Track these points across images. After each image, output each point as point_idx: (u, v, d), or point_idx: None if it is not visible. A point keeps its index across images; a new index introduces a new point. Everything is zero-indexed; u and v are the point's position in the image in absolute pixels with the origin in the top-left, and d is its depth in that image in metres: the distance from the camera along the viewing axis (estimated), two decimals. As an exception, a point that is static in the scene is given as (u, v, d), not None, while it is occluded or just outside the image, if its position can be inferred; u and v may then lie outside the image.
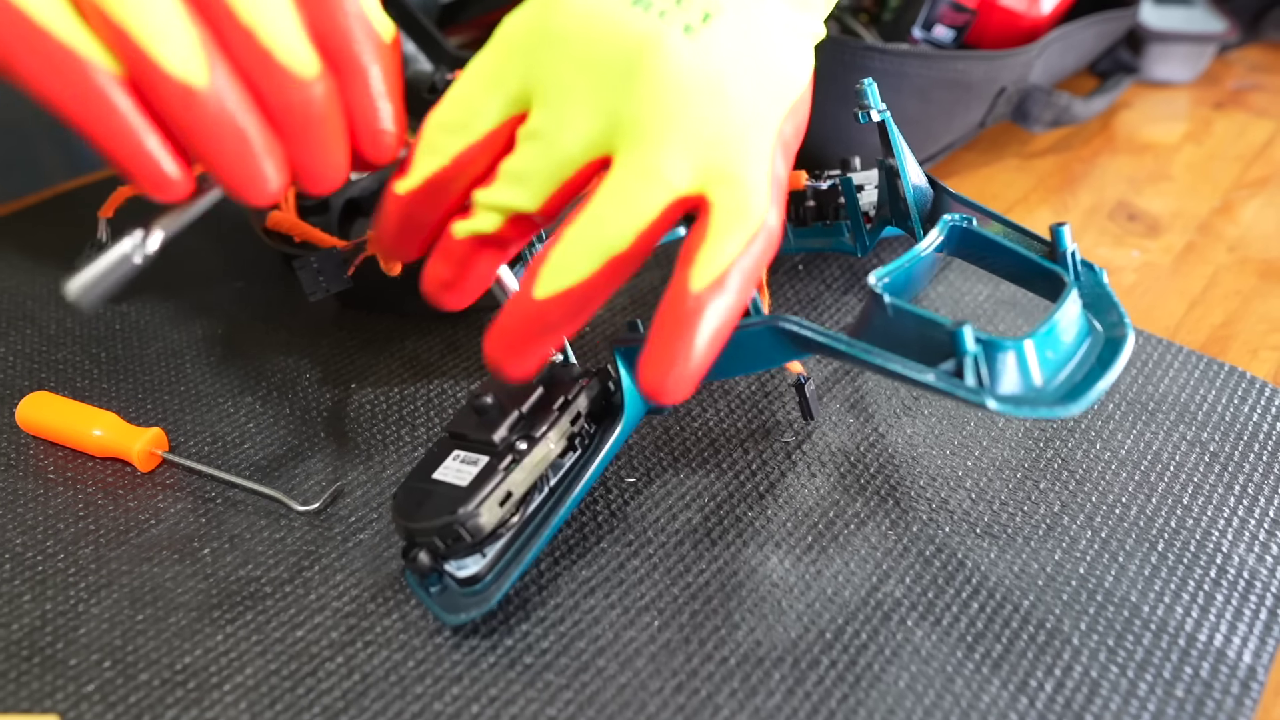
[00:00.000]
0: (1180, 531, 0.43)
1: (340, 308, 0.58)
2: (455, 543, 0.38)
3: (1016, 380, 0.36)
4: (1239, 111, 0.83)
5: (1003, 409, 0.34)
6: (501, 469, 0.39)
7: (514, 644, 0.39)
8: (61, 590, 0.42)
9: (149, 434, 0.47)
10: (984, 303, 0.57)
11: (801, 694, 0.37)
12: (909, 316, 0.37)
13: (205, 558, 0.43)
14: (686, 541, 0.43)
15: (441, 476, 0.39)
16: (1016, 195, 0.70)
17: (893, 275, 0.40)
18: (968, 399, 0.35)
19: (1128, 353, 0.37)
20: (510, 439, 0.40)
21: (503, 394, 0.41)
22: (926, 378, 0.35)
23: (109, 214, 0.58)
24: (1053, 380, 0.36)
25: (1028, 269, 0.42)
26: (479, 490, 0.38)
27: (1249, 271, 0.62)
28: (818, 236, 0.57)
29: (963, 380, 0.35)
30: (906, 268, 0.41)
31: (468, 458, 0.40)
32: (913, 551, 0.43)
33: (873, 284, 0.38)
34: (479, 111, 0.36)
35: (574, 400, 0.41)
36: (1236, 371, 0.52)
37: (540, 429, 0.40)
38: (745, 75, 0.35)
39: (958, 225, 0.44)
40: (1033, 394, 0.36)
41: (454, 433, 0.41)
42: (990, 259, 0.44)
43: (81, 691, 0.38)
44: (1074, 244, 0.41)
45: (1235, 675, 0.38)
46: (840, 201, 0.56)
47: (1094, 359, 0.37)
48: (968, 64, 0.66)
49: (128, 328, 0.57)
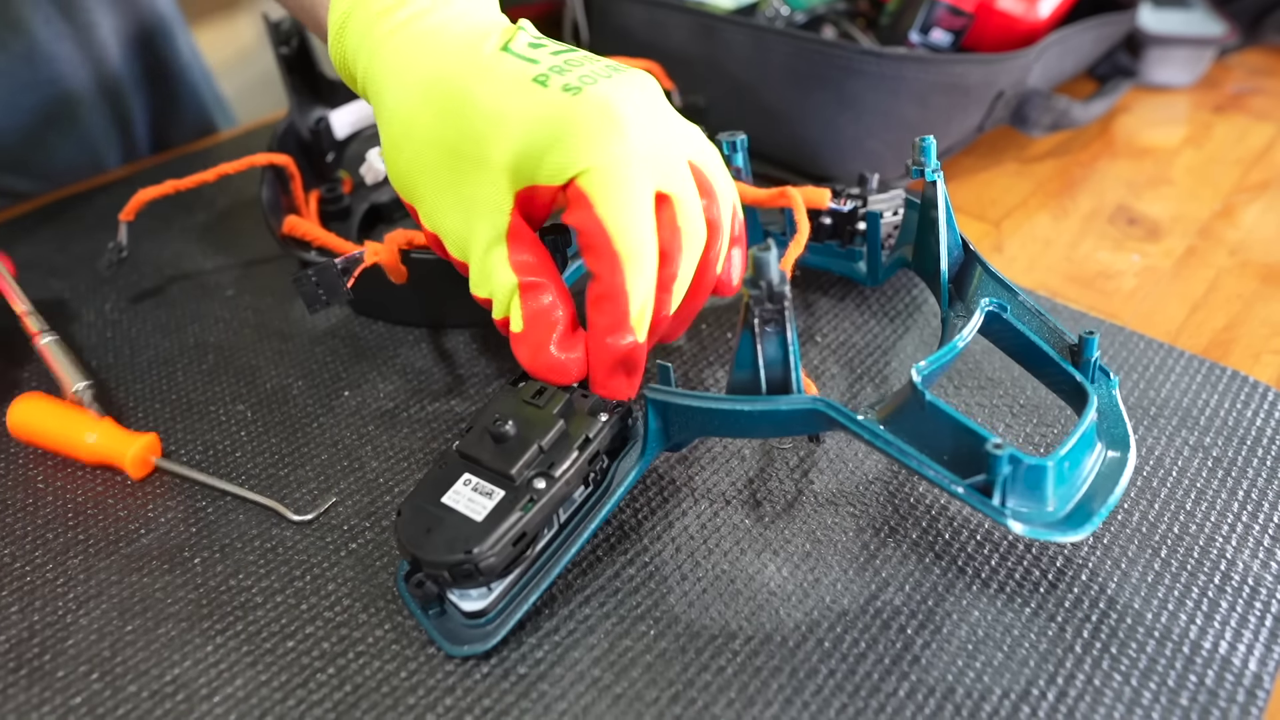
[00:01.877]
0: (1184, 538, 0.43)
1: (333, 317, 0.57)
2: (464, 579, 0.37)
3: (1036, 499, 0.38)
4: (1239, 115, 0.82)
5: (1027, 533, 0.37)
6: (519, 508, 0.38)
7: (508, 654, 0.39)
8: (50, 601, 0.41)
9: (143, 440, 0.46)
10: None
11: (800, 703, 0.37)
12: (946, 419, 0.38)
13: (196, 567, 0.42)
14: (682, 550, 0.43)
15: (452, 503, 0.38)
16: (1015, 200, 0.70)
17: (933, 368, 0.41)
18: (992, 517, 0.37)
19: (1129, 474, 0.40)
20: (529, 475, 0.39)
21: (521, 422, 0.40)
22: (957, 490, 0.38)
23: (130, 217, 0.58)
24: (1066, 500, 0.39)
25: (1051, 369, 0.44)
26: (494, 529, 0.37)
27: (1250, 275, 0.62)
28: (830, 256, 0.57)
29: (990, 499, 0.37)
30: (946, 359, 0.42)
31: (481, 486, 0.38)
32: (912, 559, 0.42)
33: (915, 380, 0.39)
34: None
35: (595, 439, 0.40)
36: (1239, 376, 0.51)
37: (561, 468, 0.39)
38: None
39: (994, 313, 0.46)
40: (1047, 515, 0.38)
41: (466, 454, 0.40)
42: (1016, 348, 0.46)
43: (69, 704, 0.37)
44: (1099, 353, 0.43)
45: (1240, 683, 0.37)
46: (859, 228, 0.55)
47: (1095, 475, 0.40)
48: (965, 68, 0.66)
49: (119, 336, 0.56)
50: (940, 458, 0.38)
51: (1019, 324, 0.45)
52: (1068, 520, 0.38)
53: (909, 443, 0.39)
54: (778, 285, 0.38)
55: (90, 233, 0.66)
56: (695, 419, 0.42)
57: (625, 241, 0.39)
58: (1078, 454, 0.39)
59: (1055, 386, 0.45)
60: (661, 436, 0.42)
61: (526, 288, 0.41)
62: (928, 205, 0.49)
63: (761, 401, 0.40)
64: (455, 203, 0.41)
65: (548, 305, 0.41)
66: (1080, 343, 0.43)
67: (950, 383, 0.51)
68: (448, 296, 0.54)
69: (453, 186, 0.41)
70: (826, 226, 0.56)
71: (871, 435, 0.39)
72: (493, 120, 0.40)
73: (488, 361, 0.53)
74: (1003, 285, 0.46)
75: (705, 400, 0.41)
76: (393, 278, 0.50)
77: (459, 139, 0.40)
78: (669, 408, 0.41)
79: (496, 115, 0.40)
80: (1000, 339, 0.46)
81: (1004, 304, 0.46)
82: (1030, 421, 0.49)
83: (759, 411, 0.40)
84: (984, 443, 0.36)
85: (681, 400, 0.41)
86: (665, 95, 0.43)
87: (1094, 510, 0.38)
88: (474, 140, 0.40)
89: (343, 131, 0.69)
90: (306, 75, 0.67)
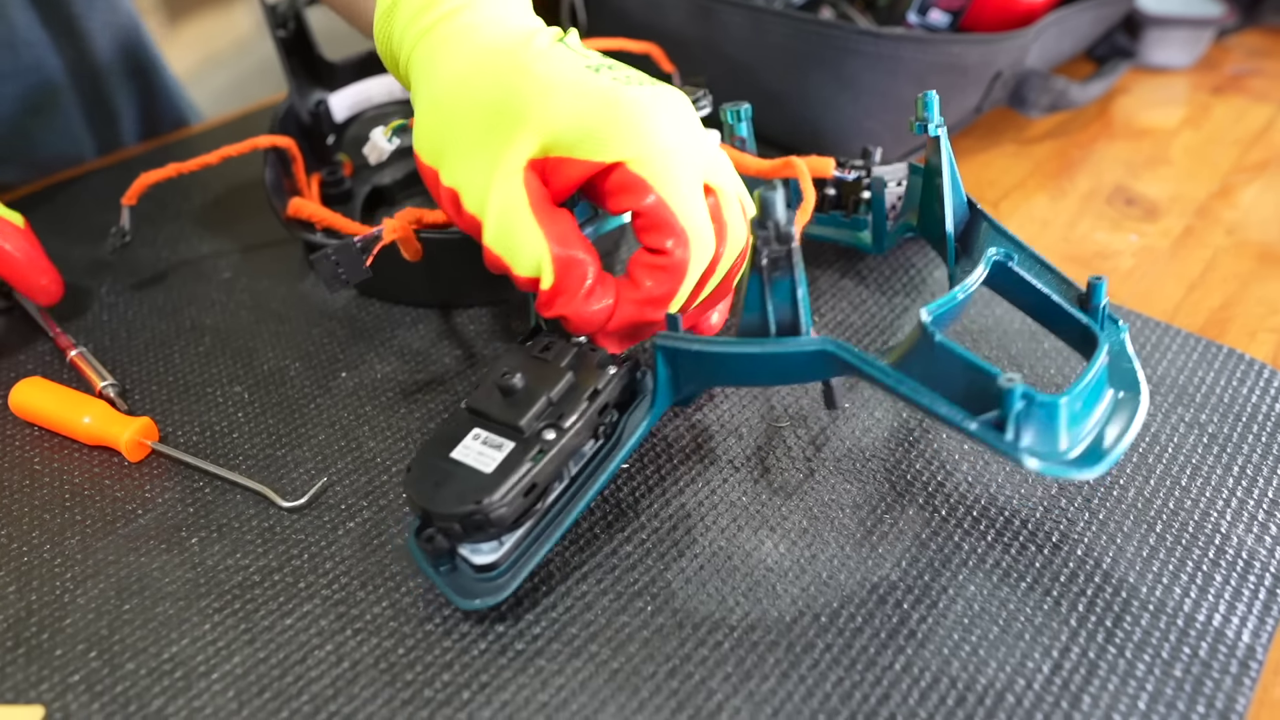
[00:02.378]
0: (1179, 513, 0.43)
1: (331, 299, 0.57)
2: (475, 530, 0.37)
3: (1050, 437, 0.37)
4: (1237, 96, 0.82)
5: (1041, 469, 0.36)
6: (529, 459, 0.38)
7: (505, 630, 0.39)
8: (47, 581, 0.41)
9: (138, 423, 0.47)
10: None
11: (796, 677, 0.37)
12: (957, 359, 0.38)
13: (193, 547, 0.42)
14: (680, 526, 0.43)
15: (461, 457, 0.38)
16: (1014, 180, 0.70)
17: (942, 310, 0.40)
18: (1005, 453, 0.36)
19: (1143, 414, 0.39)
20: (538, 427, 0.39)
21: (529, 375, 0.40)
22: (970, 426, 0.36)
23: (132, 201, 0.57)
24: (1078, 439, 0.37)
25: (1060, 316, 0.44)
26: (504, 480, 0.37)
27: (1247, 255, 0.62)
28: (835, 227, 0.57)
29: (1003, 434, 0.36)
30: (954, 303, 0.41)
31: (490, 439, 0.38)
32: (908, 534, 0.42)
33: (925, 320, 0.39)
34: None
35: (604, 390, 0.40)
36: (1235, 354, 0.51)
37: (570, 419, 0.39)
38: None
39: (1000, 262, 0.45)
40: (1060, 453, 0.37)
41: (475, 409, 0.40)
42: (1024, 298, 0.45)
43: (67, 682, 0.38)
44: (1107, 299, 0.43)
45: (1234, 655, 0.37)
46: (864, 197, 0.55)
47: (1108, 417, 0.39)
48: (963, 48, 0.66)
49: (115, 319, 0.56)
50: (952, 398, 0.37)
51: (1026, 273, 0.44)
52: (1082, 458, 0.37)
53: (920, 383, 0.38)
54: (784, 225, 0.38)
55: (87, 216, 0.66)
56: (704, 365, 0.41)
57: (690, 221, 0.40)
58: (1090, 394, 0.39)
59: (1064, 334, 0.44)
60: (671, 387, 0.42)
61: (557, 238, 0.41)
62: (932, 169, 0.49)
63: (770, 344, 0.40)
64: (484, 157, 0.41)
65: (581, 259, 0.41)
66: (1089, 289, 0.43)
67: (960, 342, 0.51)
68: (455, 275, 0.54)
69: (484, 142, 0.41)
70: (830, 197, 0.56)
71: (882, 374, 0.38)
72: (546, 88, 0.41)
73: (485, 342, 0.53)
74: (1008, 238, 0.46)
75: (713, 344, 0.41)
76: (407, 254, 0.50)
77: (506, 97, 0.41)
78: (678, 354, 0.41)
79: (550, 84, 0.41)
80: (1008, 290, 0.46)
81: (1010, 253, 0.45)
82: (1042, 377, 0.49)
83: (768, 354, 0.40)
84: (995, 380, 0.36)
85: (690, 345, 0.41)
86: (666, 79, 0.43)
87: (1107, 449, 0.37)
88: (521, 99, 0.40)
89: (342, 114, 0.69)
90: (305, 58, 0.67)
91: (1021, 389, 0.35)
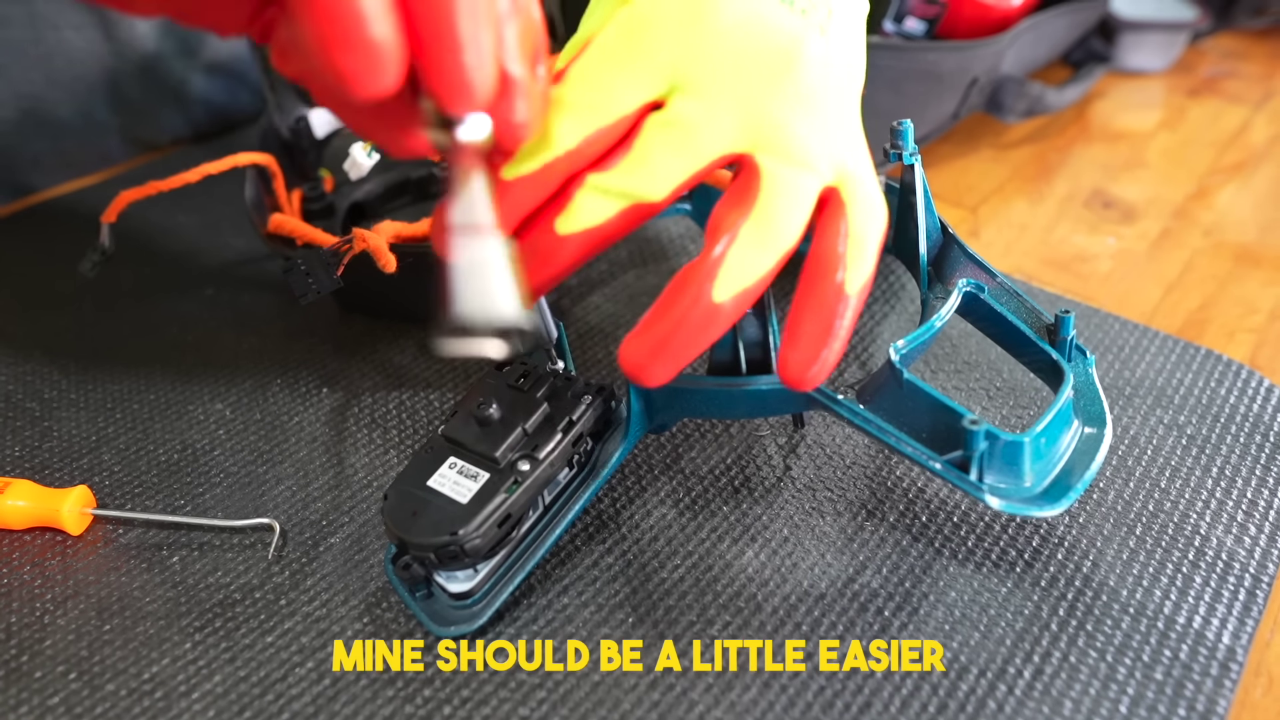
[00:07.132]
0: (1158, 515, 0.43)
1: (313, 315, 0.57)
2: (449, 560, 0.37)
3: (1014, 475, 0.38)
4: (1213, 98, 0.83)
5: (1004, 508, 0.37)
6: (503, 490, 0.38)
7: (485, 645, 0.39)
8: (27, 603, 0.41)
9: (73, 493, 0.44)
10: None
11: (778, 687, 0.37)
12: (924, 396, 0.39)
13: (174, 565, 0.42)
14: (660, 538, 0.43)
15: (438, 486, 0.38)
16: (992, 185, 0.70)
17: (911, 346, 0.41)
18: (969, 492, 0.37)
19: (1105, 449, 0.40)
20: (513, 458, 0.39)
21: (505, 405, 0.40)
22: (934, 466, 0.38)
23: (112, 219, 0.57)
24: (1043, 475, 0.39)
25: (1028, 348, 0.44)
26: (479, 511, 0.37)
27: (1224, 256, 0.62)
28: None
29: (967, 474, 0.37)
30: (924, 338, 0.42)
31: (465, 469, 0.39)
32: (889, 541, 0.42)
33: (893, 357, 0.39)
34: (617, 95, 0.34)
35: (579, 421, 0.41)
36: (1213, 355, 0.52)
37: (545, 450, 0.39)
38: (853, 76, 0.38)
39: (973, 293, 0.45)
40: (1024, 490, 0.38)
41: (451, 438, 0.40)
42: (994, 329, 0.46)
43: (46, 704, 0.37)
44: (1074, 332, 0.43)
45: (1215, 656, 0.37)
46: None
47: (1072, 450, 0.40)
48: (939, 55, 0.66)
49: (98, 336, 0.56)
50: (919, 435, 0.39)
51: (997, 304, 0.45)
52: (1045, 495, 0.38)
53: (888, 421, 0.39)
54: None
55: (70, 235, 0.65)
56: (677, 400, 0.42)
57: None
58: (1054, 430, 0.40)
59: (1032, 366, 0.45)
60: (644, 418, 0.43)
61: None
62: (906, 190, 0.50)
63: (741, 381, 0.41)
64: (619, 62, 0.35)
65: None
66: (1056, 322, 0.43)
67: (927, 366, 0.51)
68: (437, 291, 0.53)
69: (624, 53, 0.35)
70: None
71: (851, 414, 0.39)
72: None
73: (467, 358, 0.53)
74: (981, 267, 0.47)
75: (684, 381, 0.41)
76: (381, 265, 0.50)
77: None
78: (650, 390, 0.42)
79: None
80: (978, 320, 0.47)
81: (981, 285, 0.46)
82: (1007, 404, 0.49)
83: (739, 392, 0.41)
84: (960, 419, 0.37)
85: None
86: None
87: (1071, 485, 0.38)
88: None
89: (322, 130, 0.69)
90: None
91: (985, 429, 0.36)
